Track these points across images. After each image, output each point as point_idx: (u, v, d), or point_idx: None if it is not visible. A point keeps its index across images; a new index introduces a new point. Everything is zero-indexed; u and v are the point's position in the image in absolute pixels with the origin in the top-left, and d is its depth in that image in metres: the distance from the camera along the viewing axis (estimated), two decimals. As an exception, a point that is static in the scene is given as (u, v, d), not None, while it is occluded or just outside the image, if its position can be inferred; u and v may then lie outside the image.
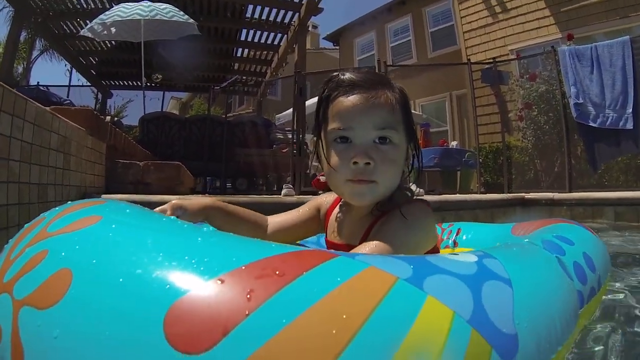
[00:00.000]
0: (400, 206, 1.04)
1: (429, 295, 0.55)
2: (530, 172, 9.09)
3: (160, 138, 9.54)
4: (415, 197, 1.17)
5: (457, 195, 5.84)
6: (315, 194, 1.46)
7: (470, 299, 0.59)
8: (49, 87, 10.90)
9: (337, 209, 1.26)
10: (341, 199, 1.24)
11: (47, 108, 2.78)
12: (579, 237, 1.33)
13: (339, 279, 0.53)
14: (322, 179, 1.25)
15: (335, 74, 1.11)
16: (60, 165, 2.95)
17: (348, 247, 1.09)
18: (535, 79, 8.70)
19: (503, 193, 6.63)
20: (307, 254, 0.58)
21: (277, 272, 0.53)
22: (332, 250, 0.63)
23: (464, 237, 1.98)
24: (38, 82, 11.37)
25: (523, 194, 5.91)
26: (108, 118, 10.55)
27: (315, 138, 1.15)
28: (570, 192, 6.14)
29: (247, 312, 0.48)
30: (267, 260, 0.55)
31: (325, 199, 1.33)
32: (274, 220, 1.29)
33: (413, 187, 3.85)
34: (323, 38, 20.15)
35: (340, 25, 17.62)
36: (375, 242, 0.92)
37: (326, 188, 1.20)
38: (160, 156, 8.33)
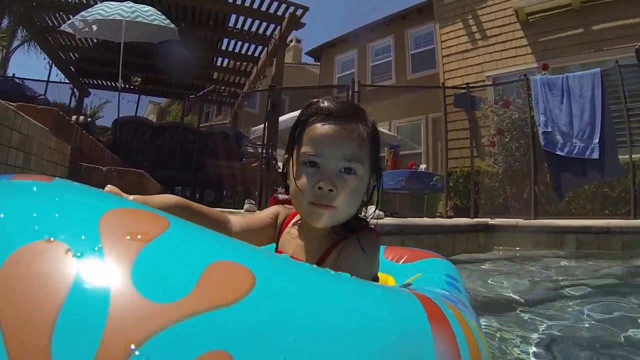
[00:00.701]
0: (357, 233, 1.14)
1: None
2: (500, 198, 9.10)
3: (132, 143, 9.40)
4: (368, 225, 1.22)
5: (420, 219, 5.78)
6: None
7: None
8: (24, 80, 10.62)
9: (292, 224, 1.27)
10: (297, 213, 1.26)
11: (12, 105, 2.71)
12: (453, 272, 1.41)
13: None
14: (281, 197, 1.34)
15: (315, 100, 1.14)
16: (20, 165, 2.86)
17: None
18: (508, 105, 8.78)
19: (467, 218, 6.62)
20: None
21: None
22: None
23: None
24: (14, 74, 11.05)
25: (487, 220, 5.90)
26: (82, 118, 10.37)
27: (287, 156, 1.19)
28: (535, 218, 6.15)
29: None
30: None
31: (284, 210, 1.32)
32: (238, 221, 1.21)
33: (371, 208, 3.71)
34: (305, 53, 20.23)
35: (322, 42, 17.70)
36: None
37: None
38: (130, 162, 8.15)
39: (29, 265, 0.40)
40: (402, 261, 1.69)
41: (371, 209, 4.16)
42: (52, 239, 0.43)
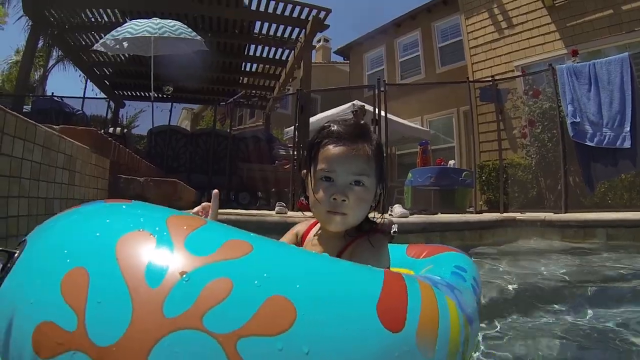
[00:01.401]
0: (367, 234, 1.36)
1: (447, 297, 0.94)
2: (534, 190, 8.92)
3: (166, 151, 9.73)
4: (377, 227, 1.43)
5: (445, 215, 5.78)
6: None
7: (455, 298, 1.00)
8: (62, 98, 11.20)
9: (312, 233, 1.51)
10: (314, 225, 1.53)
11: (55, 129, 3.01)
12: (466, 265, 1.66)
13: None
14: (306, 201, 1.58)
15: (327, 124, 1.37)
16: (66, 181, 3.17)
17: None
18: (538, 95, 8.60)
19: (498, 212, 6.56)
20: None
21: None
22: None
23: None
24: (52, 93, 11.66)
25: (515, 215, 5.84)
26: (119, 129, 10.81)
27: (305, 172, 1.40)
28: (566, 211, 6.04)
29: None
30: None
31: (300, 227, 1.58)
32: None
33: (398, 207, 3.90)
34: (334, 52, 20.30)
35: (350, 39, 17.73)
36: None
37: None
38: (166, 169, 8.50)
39: (132, 243, 0.72)
40: (422, 256, 1.95)
41: (397, 207, 4.29)
42: (141, 229, 0.75)
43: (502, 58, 10.78)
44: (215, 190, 1.33)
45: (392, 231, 4.50)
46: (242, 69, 12.83)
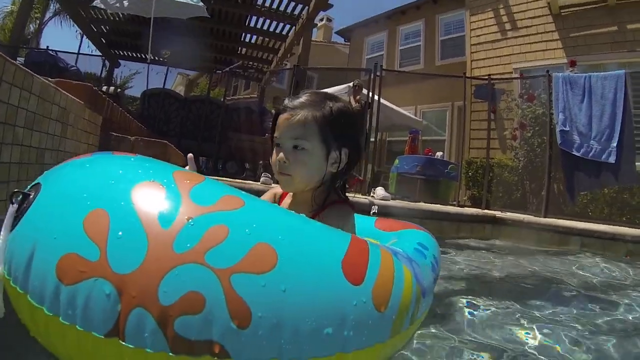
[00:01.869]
0: (334, 205, 1.49)
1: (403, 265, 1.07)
2: (518, 192, 9.05)
3: (159, 114, 9.67)
4: (345, 200, 1.58)
5: (426, 204, 5.89)
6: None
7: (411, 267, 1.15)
8: (57, 52, 11.01)
9: (287, 199, 1.66)
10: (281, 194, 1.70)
11: (51, 81, 2.99)
12: (428, 242, 1.80)
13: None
14: None
15: (285, 97, 1.53)
16: (58, 133, 3.18)
17: None
18: (533, 100, 8.68)
19: (480, 208, 6.70)
20: None
21: None
22: None
23: None
24: (47, 47, 11.45)
25: (495, 213, 5.97)
26: (112, 88, 10.69)
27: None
28: (545, 216, 6.18)
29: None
30: None
31: (279, 189, 1.69)
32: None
33: (380, 190, 4.02)
34: (335, 32, 20.16)
35: (352, 22, 17.62)
36: None
37: None
38: (157, 132, 8.45)
39: (145, 190, 0.83)
40: (388, 230, 2.09)
41: (380, 190, 4.42)
42: (152, 180, 0.85)
43: (502, 59, 10.80)
44: (190, 154, 1.50)
45: (371, 212, 4.62)
46: (242, 39, 12.74)
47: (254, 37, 12.53)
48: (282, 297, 0.75)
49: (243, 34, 12.43)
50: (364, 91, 8.18)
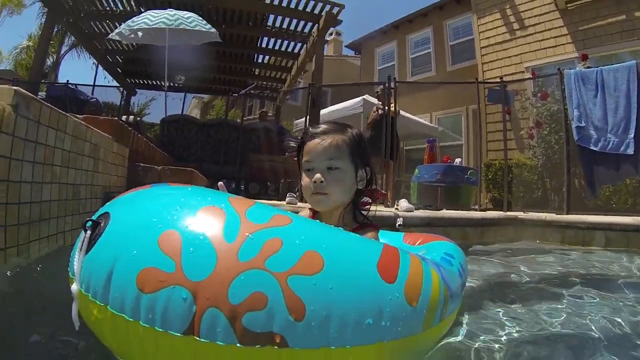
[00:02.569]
0: (361, 227, 1.66)
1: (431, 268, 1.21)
2: (539, 191, 9.06)
3: (178, 139, 9.90)
4: (369, 221, 1.76)
5: (448, 212, 5.93)
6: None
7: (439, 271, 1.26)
8: (77, 86, 11.42)
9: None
10: (314, 216, 1.77)
11: (80, 119, 3.17)
12: (454, 252, 1.95)
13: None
14: None
15: (308, 127, 1.72)
16: (91, 169, 3.35)
17: None
18: (546, 98, 8.72)
19: (502, 211, 6.70)
20: None
21: None
22: None
23: None
24: (67, 81, 11.88)
25: (517, 214, 5.99)
26: (131, 117, 11.01)
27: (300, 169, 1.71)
28: (567, 213, 6.17)
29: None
30: None
31: (305, 212, 1.83)
32: None
33: (404, 202, 4.17)
34: (345, 46, 20.38)
35: (362, 34, 17.78)
36: None
37: None
38: (178, 157, 8.67)
39: (209, 213, 0.99)
40: (416, 244, 2.23)
41: (403, 202, 4.54)
42: (212, 205, 1.01)
43: (513, 59, 10.86)
44: (220, 182, 1.60)
45: (397, 224, 4.72)
46: (255, 60, 12.95)
47: (267, 57, 12.75)
48: (330, 293, 0.90)
49: (255, 55, 12.66)
50: (374, 101, 8.26)
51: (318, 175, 1.56)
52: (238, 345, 0.83)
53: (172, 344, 0.86)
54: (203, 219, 0.97)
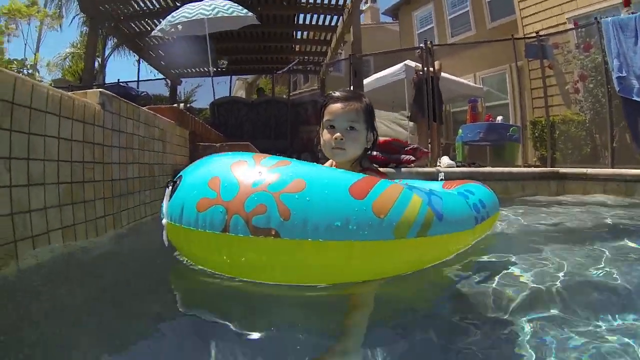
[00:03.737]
0: (367, 170, 1.95)
1: (414, 194, 1.48)
2: (587, 147, 8.89)
3: (230, 120, 10.40)
4: (374, 167, 2.14)
5: (491, 168, 6.15)
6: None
7: (427, 198, 1.52)
8: (127, 83, 12.20)
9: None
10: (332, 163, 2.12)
11: (149, 110, 3.73)
12: (478, 190, 2.25)
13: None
14: (374, 153, 2.61)
15: (330, 92, 2.06)
16: (160, 150, 3.93)
17: None
18: (589, 49, 8.54)
19: (547, 167, 6.78)
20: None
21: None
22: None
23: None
24: (118, 80, 12.67)
25: (557, 169, 6.11)
26: (182, 105, 11.62)
27: (319, 127, 2.04)
28: (612, 167, 6.17)
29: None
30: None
31: (328, 163, 2.17)
32: None
33: (445, 159, 4.69)
34: (382, 13, 20.25)
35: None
36: None
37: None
38: (230, 136, 9.16)
39: (238, 164, 1.50)
40: (452, 188, 2.50)
41: (445, 159, 5.01)
42: (242, 159, 1.52)
43: (553, 10, 10.49)
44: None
45: (439, 178, 5.18)
46: (294, 37, 13.20)
47: (305, 33, 12.98)
48: (307, 204, 1.31)
49: (294, 32, 12.91)
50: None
51: (339, 134, 1.89)
52: (250, 236, 1.31)
53: (215, 240, 1.39)
54: (234, 167, 1.46)
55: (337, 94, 1.99)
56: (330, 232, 1.29)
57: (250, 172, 1.42)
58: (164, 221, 1.61)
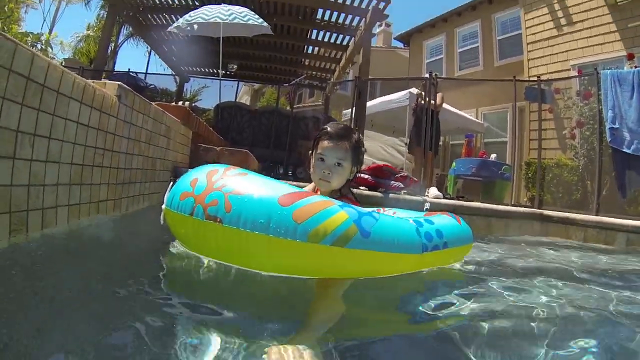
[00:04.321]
0: (344, 198, 2.12)
1: (343, 211, 1.68)
2: (578, 193, 8.98)
3: (232, 125, 10.53)
4: (350, 196, 2.32)
5: (473, 202, 6.21)
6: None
7: (357, 217, 1.69)
8: (137, 73, 12.35)
9: (311, 189, 2.36)
10: (316, 189, 2.30)
11: (158, 107, 3.87)
12: (442, 222, 2.31)
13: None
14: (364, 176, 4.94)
15: (324, 127, 2.23)
16: (164, 146, 4.10)
17: None
18: (589, 97, 8.65)
19: (533, 208, 6.86)
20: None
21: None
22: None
23: (393, 213, 3.00)
24: (129, 69, 12.82)
25: (542, 210, 6.19)
26: (187, 103, 11.76)
27: (310, 153, 2.25)
28: (597, 214, 6.23)
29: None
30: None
31: (310, 187, 2.45)
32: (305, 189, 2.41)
33: (434, 189, 4.80)
34: (394, 38, 20.47)
35: (411, 26, 17.84)
36: None
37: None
38: (231, 141, 9.31)
39: (212, 171, 1.90)
40: (424, 217, 2.54)
41: (433, 189, 5.12)
42: (216, 167, 1.92)
43: (559, 56, 10.73)
44: None
45: (424, 208, 5.29)
46: (305, 51, 13.40)
47: (316, 48, 13.15)
48: (244, 203, 1.64)
49: (305, 46, 13.10)
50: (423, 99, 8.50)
51: (326, 170, 2.12)
52: (204, 220, 1.68)
53: (184, 219, 1.80)
54: (209, 173, 1.85)
55: (331, 130, 2.18)
56: (254, 226, 1.60)
57: (217, 177, 1.80)
58: (163, 206, 2.01)
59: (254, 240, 1.61)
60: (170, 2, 11.08)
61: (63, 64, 11.81)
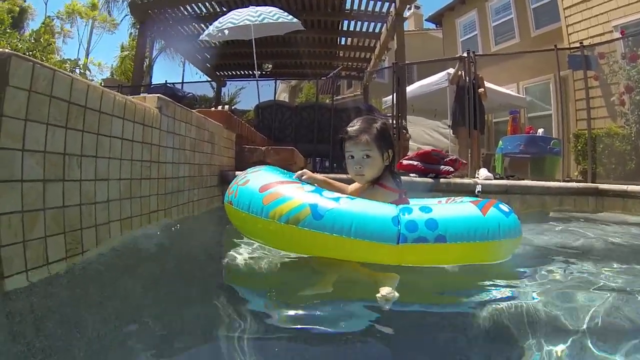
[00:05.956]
0: (378, 184, 2.36)
1: (297, 198, 2.04)
2: (632, 162, 8.57)
3: (273, 123, 10.72)
4: (383, 183, 2.40)
5: (528, 181, 6.11)
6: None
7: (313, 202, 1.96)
8: (174, 84, 12.77)
9: (357, 186, 2.53)
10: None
11: (199, 114, 4.01)
12: (447, 212, 2.01)
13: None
14: (404, 162, 4.94)
15: (347, 127, 2.38)
16: (209, 152, 4.22)
17: None
18: (636, 59, 8.38)
19: (587, 182, 6.71)
20: None
21: None
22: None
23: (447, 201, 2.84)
24: (166, 81, 13.23)
25: (597, 185, 6.01)
26: (227, 107, 12.08)
27: (343, 156, 2.43)
28: None
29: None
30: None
31: (356, 183, 2.55)
32: (348, 187, 2.59)
33: (483, 171, 5.00)
34: (426, 20, 20.21)
35: (441, 6, 17.55)
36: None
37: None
38: (274, 139, 9.48)
39: (258, 173, 2.32)
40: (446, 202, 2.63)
41: (483, 170, 5.26)
42: (255, 171, 2.38)
43: (599, 18, 10.20)
44: (298, 172, 2.46)
45: (476, 191, 5.40)
46: (338, 43, 13.45)
47: (350, 39, 13.17)
48: (242, 191, 2.16)
49: (338, 38, 13.15)
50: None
51: (358, 165, 2.30)
52: (230, 205, 2.24)
53: (229, 208, 2.27)
54: (249, 172, 2.35)
55: (349, 129, 2.35)
56: (241, 206, 2.12)
57: (243, 174, 2.34)
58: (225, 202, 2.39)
59: (240, 216, 2.14)
60: (198, 12, 11.41)
61: (102, 84, 12.38)
